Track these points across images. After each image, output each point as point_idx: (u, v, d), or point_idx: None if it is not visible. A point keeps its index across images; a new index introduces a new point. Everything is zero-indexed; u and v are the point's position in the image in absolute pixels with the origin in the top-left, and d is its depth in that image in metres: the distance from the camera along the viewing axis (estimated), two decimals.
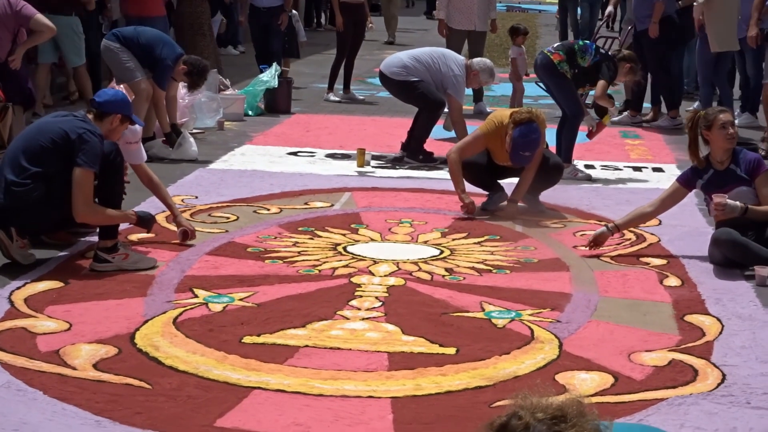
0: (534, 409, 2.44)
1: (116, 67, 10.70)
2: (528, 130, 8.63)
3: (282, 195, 9.37)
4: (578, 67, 10.23)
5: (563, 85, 10.38)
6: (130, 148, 7.59)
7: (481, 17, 14.17)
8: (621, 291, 6.92)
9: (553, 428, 2.41)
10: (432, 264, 7.40)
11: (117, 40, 10.59)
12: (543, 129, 8.79)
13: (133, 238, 7.80)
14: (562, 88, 10.42)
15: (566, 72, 10.22)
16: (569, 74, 10.22)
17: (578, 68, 10.24)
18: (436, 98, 10.84)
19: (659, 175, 10.60)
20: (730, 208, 7.44)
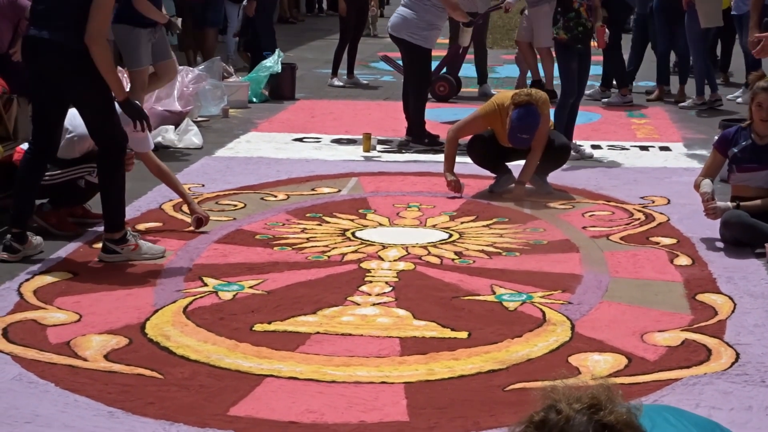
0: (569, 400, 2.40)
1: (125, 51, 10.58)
2: (526, 112, 8.58)
3: (289, 181, 9.35)
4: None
5: (559, 58, 10.37)
6: (137, 136, 7.55)
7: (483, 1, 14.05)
8: (632, 271, 6.89)
9: (592, 417, 2.37)
10: (441, 248, 7.38)
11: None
12: (545, 110, 8.73)
13: (141, 227, 7.78)
14: (559, 61, 10.40)
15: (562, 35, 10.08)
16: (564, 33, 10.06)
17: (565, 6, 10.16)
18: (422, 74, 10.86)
19: (666, 154, 10.56)
20: (720, 211, 7.43)
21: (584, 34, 10.11)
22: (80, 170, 7.61)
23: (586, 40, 10.16)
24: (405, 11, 10.89)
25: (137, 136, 7.54)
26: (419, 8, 10.76)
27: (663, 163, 9.88)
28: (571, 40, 10.07)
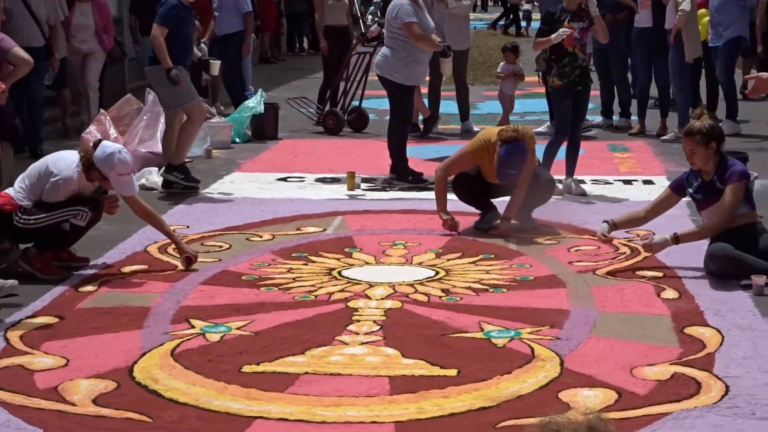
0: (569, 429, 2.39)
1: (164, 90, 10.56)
2: (514, 148, 8.61)
3: (274, 221, 9.34)
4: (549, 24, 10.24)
5: (552, 97, 10.44)
6: (122, 180, 7.55)
7: (454, 37, 13.94)
8: (619, 305, 6.90)
9: None
10: (428, 285, 7.37)
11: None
12: (531, 146, 8.77)
13: (126, 270, 7.76)
14: (552, 100, 10.48)
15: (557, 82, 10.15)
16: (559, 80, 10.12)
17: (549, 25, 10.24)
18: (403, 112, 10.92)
19: (650, 188, 10.58)
20: (658, 246, 7.60)
21: (581, 76, 10.16)
22: (65, 213, 7.58)
23: (584, 80, 10.21)
24: (386, 50, 10.95)
25: (121, 180, 7.54)
26: (398, 45, 10.81)
27: (647, 196, 9.89)
28: (568, 85, 10.11)
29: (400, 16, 10.78)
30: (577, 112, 10.29)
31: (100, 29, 13.87)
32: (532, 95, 17.02)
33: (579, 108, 10.30)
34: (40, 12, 12.79)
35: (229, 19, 14.88)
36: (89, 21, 13.80)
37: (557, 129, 10.44)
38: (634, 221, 8.06)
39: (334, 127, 14.34)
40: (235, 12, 14.88)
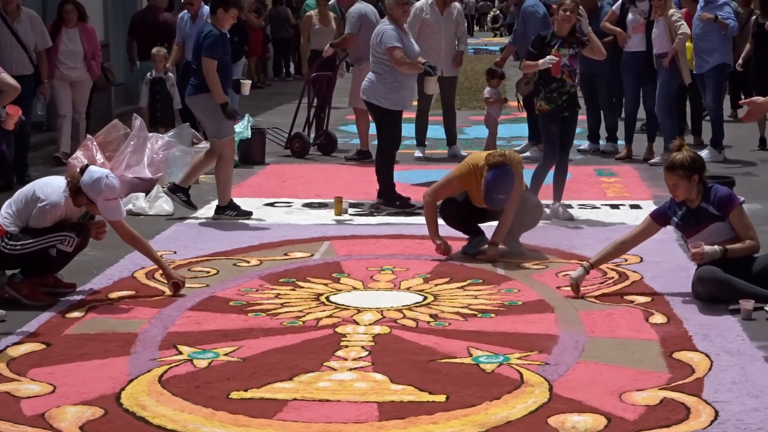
0: None
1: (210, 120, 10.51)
2: (501, 173, 8.62)
3: (261, 247, 9.32)
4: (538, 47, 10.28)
5: (540, 122, 10.48)
6: (109, 205, 7.53)
7: (448, 63, 14.14)
8: (607, 330, 6.90)
9: None
10: (416, 310, 7.36)
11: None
12: (519, 171, 8.78)
13: (113, 295, 7.74)
14: (540, 125, 10.54)
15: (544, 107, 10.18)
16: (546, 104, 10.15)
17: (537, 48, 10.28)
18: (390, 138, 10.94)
19: (637, 212, 10.59)
20: (708, 255, 7.46)
21: (569, 101, 10.18)
22: (52, 239, 7.55)
23: (572, 106, 10.23)
24: (372, 75, 10.99)
25: (109, 205, 7.52)
26: (384, 71, 10.84)
27: (634, 221, 9.88)
28: (555, 110, 10.14)
29: (383, 41, 10.82)
30: (564, 137, 10.31)
31: (89, 55, 13.76)
32: (518, 120, 17.03)
33: (566, 133, 10.32)
34: (28, 39, 12.73)
35: None
36: (77, 47, 13.69)
37: (545, 154, 10.47)
38: (613, 254, 8.00)
39: (300, 151, 14.45)
40: None
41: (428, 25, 13.94)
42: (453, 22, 14.26)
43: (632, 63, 13.83)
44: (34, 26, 12.90)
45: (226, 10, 10.32)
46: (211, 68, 10.12)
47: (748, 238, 7.58)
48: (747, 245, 7.56)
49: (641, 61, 13.70)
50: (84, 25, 13.85)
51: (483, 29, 56.09)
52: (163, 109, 14.11)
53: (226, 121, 10.33)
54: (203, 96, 10.27)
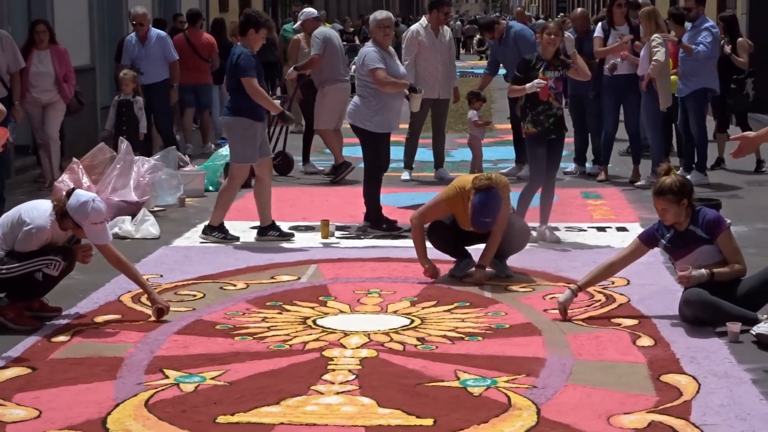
0: None
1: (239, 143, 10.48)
2: (487, 196, 8.62)
3: (248, 270, 9.31)
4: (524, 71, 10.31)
5: (527, 145, 10.52)
6: (95, 229, 7.51)
7: (444, 85, 14.21)
8: (595, 353, 6.89)
9: None
10: (403, 334, 7.34)
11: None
12: (506, 194, 8.79)
13: (99, 319, 7.71)
14: (527, 147, 10.58)
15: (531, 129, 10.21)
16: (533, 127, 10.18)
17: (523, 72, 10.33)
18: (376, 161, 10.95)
19: (624, 235, 10.60)
20: (695, 278, 7.47)
21: (555, 124, 10.20)
22: (38, 263, 7.53)
23: (559, 129, 10.25)
24: (357, 99, 11.02)
25: (95, 229, 7.50)
26: (368, 94, 10.86)
27: (621, 243, 9.90)
28: (542, 133, 10.16)
29: (366, 63, 10.86)
30: (551, 160, 10.33)
31: (60, 78, 13.45)
32: (504, 142, 17.07)
33: (553, 156, 10.34)
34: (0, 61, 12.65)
35: (156, 68, 15.26)
36: (48, 69, 13.38)
37: (531, 176, 10.48)
38: (601, 276, 8.00)
39: (284, 167, 14.67)
40: (161, 61, 15.35)
41: (425, 47, 13.99)
42: (447, 45, 14.31)
43: (612, 86, 13.89)
44: (5, 47, 12.72)
45: (257, 31, 10.36)
46: (254, 84, 10.16)
47: (736, 261, 7.59)
48: (734, 269, 7.57)
49: (621, 84, 13.78)
50: (56, 47, 13.54)
51: (469, 52, 56.24)
52: (130, 133, 13.63)
53: (251, 147, 10.35)
54: (238, 119, 10.28)
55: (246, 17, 10.52)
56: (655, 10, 13.66)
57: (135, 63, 15.08)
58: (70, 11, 16.23)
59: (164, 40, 15.56)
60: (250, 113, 10.26)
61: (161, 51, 15.37)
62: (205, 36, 17.63)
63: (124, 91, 13.98)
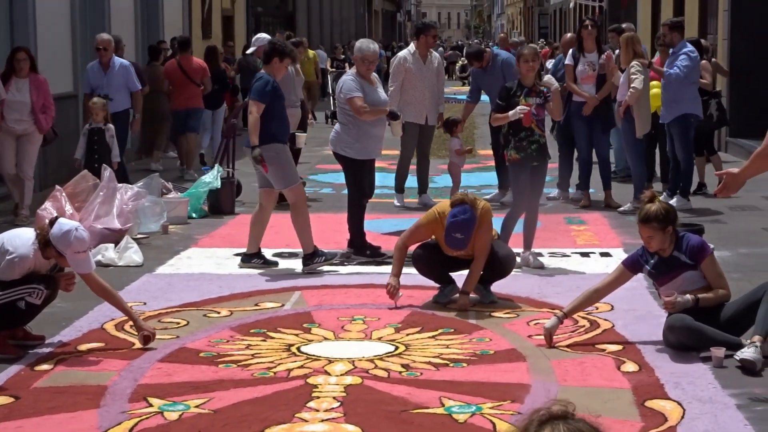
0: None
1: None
2: (459, 211, 8.65)
3: (231, 297, 9.29)
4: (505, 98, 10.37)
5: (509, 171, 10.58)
6: (78, 258, 7.49)
7: (432, 111, 14.24)
8: (579, 379, 6.89)
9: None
10: (388, 360, 7.34)
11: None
12: (487, 218, 8.79)
13: (83, 347, 7.68)
14: (509, 174, 10.64)
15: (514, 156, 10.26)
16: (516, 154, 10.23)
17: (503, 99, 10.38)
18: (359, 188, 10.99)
19: (607, 260, 10.62)
20: (680, 304, 7.48)
21: (538, 151, 10.24)
22: (20, 292, 7.51)
23: (541, 155, 10.28)
24: (338, 126, 11.06)
25: (78, 257, 7.49)
26: (348, 121, 10.88)
27: (604, 269, 9.91)
28: (524, 160, 10.20)
29: (344, 92, 10.90)
30: (534, 187, 10.35)
31: (38, 108, 12.97)
32: (487, 168, 17.11)
33: (536, 182, 10.37)
34: None
35: (119, 97, 15.15)
36: (25, 98, 12.91)
37: (514, 202, 10.51)
38: (586, 302, 8.01)
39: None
40: (123, 89, 15.25)
41: (412, 74, 14.01)
42: (435, 71, 14.34)
43: (581, 112, 13.98)
44: None
45: (281, 60, 10.53)
46: (255, 111, 10.25)
47: (720, 287, 7.61)
48: (719, 294, 7.60)
49: (589, 110, 13.88)
50: (35, 76, 13.08)
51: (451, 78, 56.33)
52: (102, 161, 13.22)
53: (290, 169, 10.42)
54: (269, 146, 10.32)
55: (272, 46, 10.69)
56: (634, 37, 13.75)
57: (96, 90, 14.94)
58: (53, 38, 16.24)
59: (127, 69, 15.45)
60: (277, 138, 10.36)
61: (124, 80, 15.24)
62: (196, 61, 18.01)
63: (95, 119, 13.65)
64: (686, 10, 23.24)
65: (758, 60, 19.28)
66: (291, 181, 10.45)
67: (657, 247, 7.66)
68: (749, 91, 19.16)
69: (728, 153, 18.89)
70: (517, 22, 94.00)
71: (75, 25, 17.14)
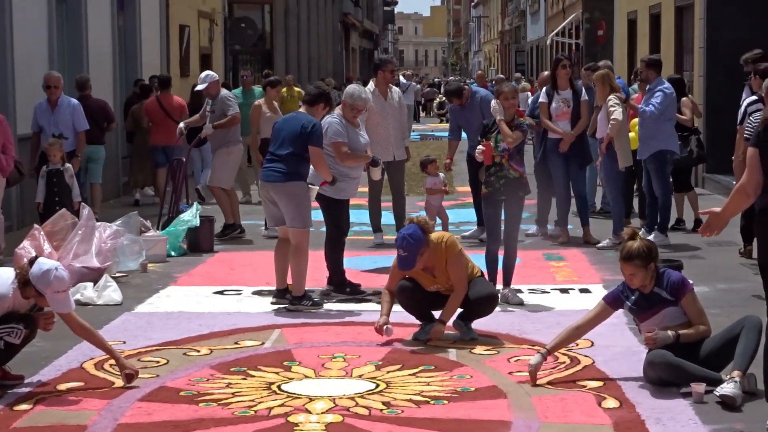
0: None
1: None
2: (406, 230, 8.80)
3: (211, 335, 9.27)
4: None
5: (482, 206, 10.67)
6: (58, 297, 7.47)
7: (398, 147, 14.26)
8: (561, 416, 6.89)
9: None
10: (369, 398, 7.33)
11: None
12: (452, 250, 8.87)
13: (62, 387, 7.65)
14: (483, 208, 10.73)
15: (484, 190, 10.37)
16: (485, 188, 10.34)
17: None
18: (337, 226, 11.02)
19: (586, 296, 10.64)
20: (661, 340, 7.51)
21: (506, 186, 10.28)
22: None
23: (510, 191, 10.32)
24: None
25: (58, 297, 7.47)
26: (328, 161, 10.88)
27: (584, 305, 9.93)
28: (492, 194, 10.27)
29: (329, 135, 10.92)
30: (507, 222, 10.40)
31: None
32: (465, 205, 17.13)
33: (509, 219, 10.41)
34: None
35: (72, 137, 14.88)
36: None
37: (488, 236, 10.60)
38: (568, 339, 8.02)
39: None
40: (70, 129, 14.90)
41: (374, 113, 13.99)
42: (397, 106, 14.34)
43: (557, 149, 14.04)
44: None
45: (324, 107, 10.64)
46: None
47: (701, 323, 7.64)
48: (699, 330, 7.62)
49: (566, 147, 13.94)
50: None
51: (429, 115, 56.56)
52: (63, 203, 13.13)
53: (310, 212, 10.39)
54: (295, 184, 10.27)
55: (321, 92, 10.73)
56: (608, 74, 13.84)
57: (44, 129, 14.66)
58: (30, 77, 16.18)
59: (76, 108, 15.05)
60: (304, 178, 10.38)
61: (71, 119, 14.87)
62: (176, 99, 18.50)
63: (52, 160, 13.49)
64: (662, 47, 23.40)
65: (734, 97, 19.34)
66: (308, 223, 10.43)
67: (639, 284, 7.69)
68: (725, 128, 19.20)
69: (705, 189, 18.99)
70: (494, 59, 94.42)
71: (53, 63, 17.11)
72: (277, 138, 10.42)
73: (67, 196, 13.44)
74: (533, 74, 47.96)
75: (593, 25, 40.42)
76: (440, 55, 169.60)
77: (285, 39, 40.58)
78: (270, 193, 10.38)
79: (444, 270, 8.89)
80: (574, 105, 14.05)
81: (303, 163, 10.28)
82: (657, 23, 24.75)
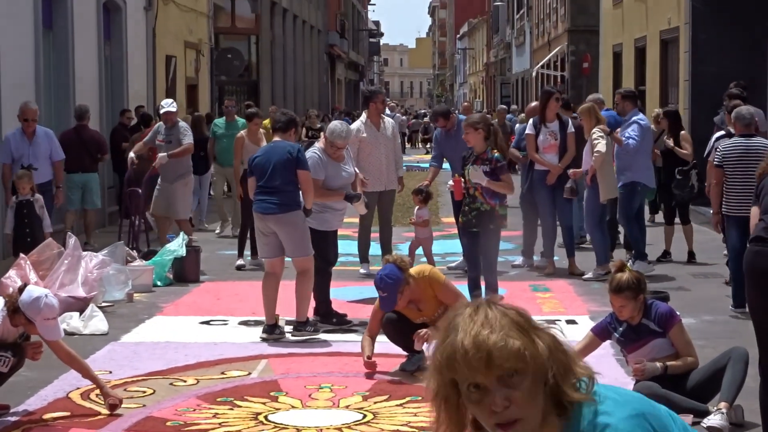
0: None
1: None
2: (384, 270, 8.83)
3: (198, 365, 9.25)
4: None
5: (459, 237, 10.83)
6: (48, 325, 7.46)
7: (391, 177, 14.30)
8: None
9: None
10: (356, 429, 7.33)
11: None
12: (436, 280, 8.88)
13: (48, 417, 7.63)
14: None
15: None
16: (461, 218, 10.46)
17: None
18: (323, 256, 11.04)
19: (573, 327, 10.64)
20: (649, 371, 7.53)
21: (478, 218, 10.38)
22: None
23: (482, 223, 10.40)
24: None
25: (47, 324, 7.46)
26: None
27: (571, 337, 9.90)
28: (464, 225, 10.41)
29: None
30: (484, 255, 10.45)
31: None
32: (451, 236, 17.14)
33: (484, 251, 10.47)
34: None
35: (44, 169, 14.69)
36: None
37: (467, 264, 10.71)
38: None
39: None
40: (48, 160, 14.81)
41: (367, 143, 14.04)
42: (390, 136, 14.40)
43: (544, 181, 14.10)
44: None
45: (295, 131, 10.92)
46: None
47: (688, 354, 7.67)
48: (687, 362, 7.65)
49: (553, 179, 14.00)
50: None
51: (415, 146, 56.66)
52: (34, 234, 13.12)
53: (309, 239, 10.46)
54: (293, 214, 10.34)
55: (291, 118, 10.95)
56: (593, 107, 13.91)
57: (19, 161, 14.45)
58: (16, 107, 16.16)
59: (52, 138, 14.98)
60: (300, 206, 10.45)
61: (49, 149, 14.78)
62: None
63: (22, 192, 13.38)
64: (647, 80, 23.54)
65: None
66: (310, 250, 10.46)
67: (628, 316, 7.72)
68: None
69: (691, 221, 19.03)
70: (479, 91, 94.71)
71: (39, 94, 17.13)
72: (264, 170, 10.41)
73: (38, 227, 13.34)
74: (520, 105, 48.09)
75: (578, 58, 40.60)
76: (425, 86, 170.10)
77: (271, 70, 40.68)
78: (269, 225, 10.40)
79: (430, 301, 8.88)
80: (561, 137, 14.11)
81: (296, 191, 10.32)
82: (642, 56, 24.91)
